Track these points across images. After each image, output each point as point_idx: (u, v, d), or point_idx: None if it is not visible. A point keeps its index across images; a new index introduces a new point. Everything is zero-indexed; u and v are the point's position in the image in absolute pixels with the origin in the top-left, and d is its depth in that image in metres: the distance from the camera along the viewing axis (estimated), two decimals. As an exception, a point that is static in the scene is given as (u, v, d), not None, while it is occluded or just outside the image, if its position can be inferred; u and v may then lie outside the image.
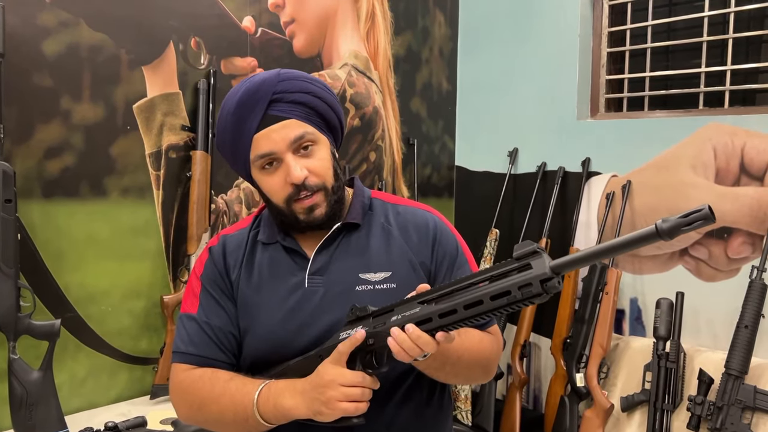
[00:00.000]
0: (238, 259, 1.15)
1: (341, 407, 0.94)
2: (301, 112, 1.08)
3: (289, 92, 1.07)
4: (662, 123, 2.34)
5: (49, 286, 1.80)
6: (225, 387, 1.06)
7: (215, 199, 2.13)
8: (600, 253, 0.80)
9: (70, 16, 1.80)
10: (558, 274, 0.83)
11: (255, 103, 1.06)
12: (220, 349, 1.13)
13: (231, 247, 1.17)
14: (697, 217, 0.72)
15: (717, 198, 2.16)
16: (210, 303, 1.14)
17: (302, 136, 1.07)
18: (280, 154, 1.07)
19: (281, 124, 1.06)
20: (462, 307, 0.89)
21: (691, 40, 2.35)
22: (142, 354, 2.00)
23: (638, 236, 0.76)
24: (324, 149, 1.11)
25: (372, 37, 2.60)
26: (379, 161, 2.66)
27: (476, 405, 2.52)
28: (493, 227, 2.66)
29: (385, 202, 1.21)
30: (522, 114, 2.73)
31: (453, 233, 1.19)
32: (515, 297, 0.85)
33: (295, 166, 1.06)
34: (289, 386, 1.01)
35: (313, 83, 1.11)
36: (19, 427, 1.60)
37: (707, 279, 2.22)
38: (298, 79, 1.10)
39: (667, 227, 0.74)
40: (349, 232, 1.14)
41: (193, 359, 1.12)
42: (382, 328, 0.96)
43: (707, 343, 2.20)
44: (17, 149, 1.73)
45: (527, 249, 0.85)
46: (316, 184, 1.08)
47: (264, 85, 1.07)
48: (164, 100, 2.00)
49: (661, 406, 2.10)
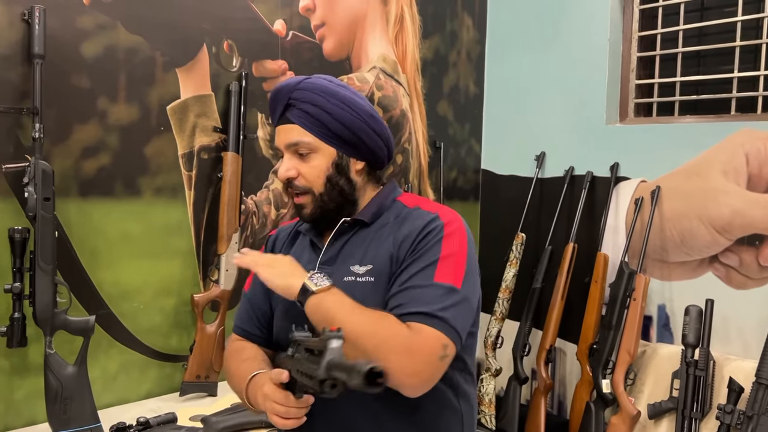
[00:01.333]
0: (280, 246, 1.32)
1: (272, 419, 1.07)
2: (307, 121, 1.18)
3: (300, 101, 1.18)
4: (693, 128, 2.32)
5: (84, 283, 1.84)
6: (238, 368, 1.21)
7: (245, 199, 2.15)
8: None
9: (107, 19, 1.84)
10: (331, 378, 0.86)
11: (276, 104, 1.21)
12: (256, 325, 1.29)
13: (280, 236, 1.34)
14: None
15: (748, 204, 2.13)
16: (257, 284, 1.26)
17: (297, 143, 1.19)
18: (282, 150, 1.22)
19: (288, 126, 1.20)
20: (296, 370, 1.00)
21: (724, 44, 2.33)
22: (172, 351, 2.03)
23: None
24: (322, 158, 1.20)
25: (400, 41, 2.61)
26: (406, 164, 2.68)
27: (500, 409, 2.52)
28: (519, 231, 2.66)
29: (405, 204, 1.25)
30: (550, 118, 2.72)
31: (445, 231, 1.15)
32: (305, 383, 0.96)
33: (284, 164, 1.21)
34: (261, 388, 1.11)
35: (327, 98, 1.18)
36: (55, 420, 1.64)
37: (738, 286, 2.19)
38: (313, 91, 1.19)
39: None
40: (362, 228, 1.23)
41: (238, 331, 1.31)
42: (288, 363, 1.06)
43: (737, 352, 2.17)
44: (56, 149, 1.77)
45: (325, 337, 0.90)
46: (302, 186, 1.20)
47: (285, 89, 1.20)
48: (197, 102, 2.03)
49: (689, 414, 2.08)
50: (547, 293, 2.53)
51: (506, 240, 2.68)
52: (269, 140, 2.22)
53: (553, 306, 2.49)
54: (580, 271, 2.49)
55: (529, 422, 2.46)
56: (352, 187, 1.23)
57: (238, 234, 2.05)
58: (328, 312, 1.08)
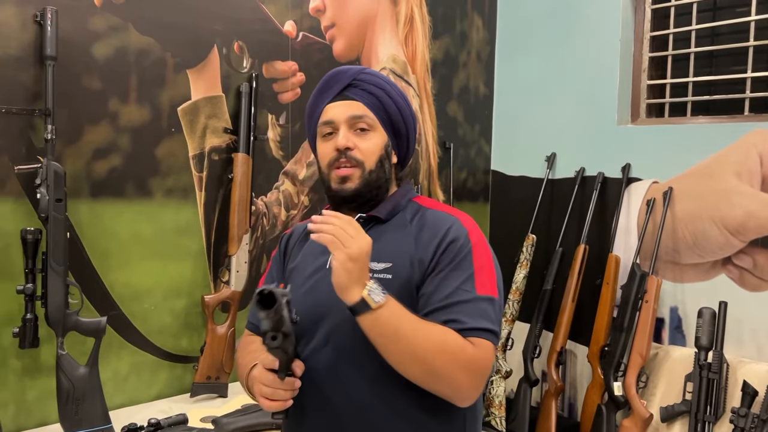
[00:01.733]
0: (294, 243, 1.33)
1: (261, 402, 1.09)
2: (369, 101, 1.23)
3: (366, 82, 1.23)
4: (705, 129, 2.30)
5: (96, 284, 1.84)
6: (244, 359, 1.24)
7: (255, 201, 2.15)
8: None
9: (119, 21, 1.84)
10: None
11: (336, 82, 1.24)
12: None
13: (294, 234, 1.35)
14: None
15: (763, 206, 2.11)
16: (269, 279, 1.32)
17: (361, 116, 1.22)
18: (338, 123, 1.22)
19: (349, 102, 1.23)
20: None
21: (737, 45, 2.31)
22: (182, 352, 2.03)
23: None
24: (378, 138, 1.23)
25: (410, 41, 2.61)
26: (416, 165, 2.67)
27: (511, 411, 2.51)
28: (530, 233, 2.65)
29: (422, 205, 1.27)
30: (560, 118, 2.71)
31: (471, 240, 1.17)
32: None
33: (344, 134, 1.21)
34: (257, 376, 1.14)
35: (390, 86, 1.26)
36: (66, 421, 1.64)
37: (752, 289, 2.17)
38: (377, 76, 1.26)
39: None
40: (377, 224, 1.24)
41: (249, 326, 1.34)
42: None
43: (751, 354, 2.15)
44: (67, 150, 1.78)
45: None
46: (356, 158, 1.21)
47: (349, 71, 1.25)
48: (207, 103, 2.03)
49: (702, 417, 2.06)
50: (558, 295, 2.52)
51: (516, 241, 2.66)
52: (279, 141, 2.22)
53: (564, 308, 2.47)
54: (592, 273, 2.47)
55: (540, 425, 2.45)
56: (388, 178, 1.26)
57: (249, 235, 2.05)
58: (388, 327, 1.06)
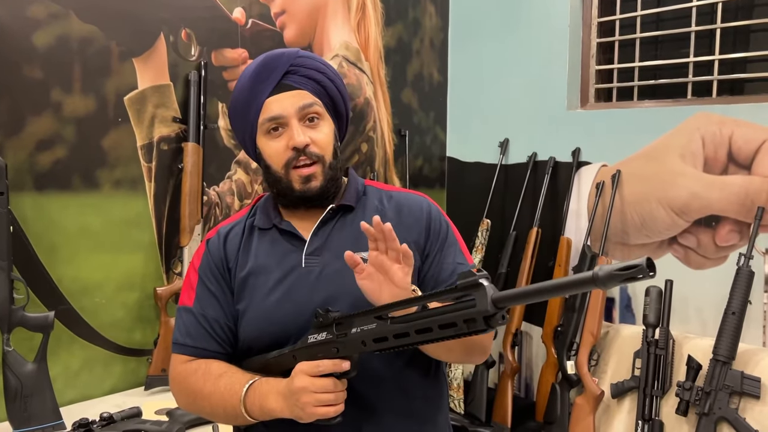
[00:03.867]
0: (235, 247, 1.18)
1: (318, 412, 0.98)
2: (313, 88, 1.15)
3: (305, 67, 1.15)
4: (651, 113, 2.36)
5: (43, 279, 1.80)
6: (215, 385, 1.10)
7: (207, 191, 2.13)
8: (541, 291, 0.80)
9: (59, 8, 1.79)
10: (501, 309, 0.83)
11: (272, 71, 1.13)
12: (215, 340, 1.16)
13: (229, 237, 1.20)
14: (634, 272, 0.70)
15: (705, 186, 2.19)
16: (206, 295, 1.17)
17: (311, 104, 1.14)
18: (287, 118, 1.13)
19: (294, 92, 1.13)
20: (414, 331, 0.92)
21: (680, 30, 2.37)
22: (136, 345, 2.00)
23: (576, 281, 0.76)
24: (328, 126, 1.17)
25: (363, 28, 2.60)
26: (371, 152, 2.67)
27: (469, 393, 2.54)
28: (485, 217, 2.68)
29: (379, 188, 1.25)
30: (512, 104, 2.74)
31: (444, 216, 1.22)
32: (461, 329, 0.86)
33: (299, 131, 1.12)
34: (273, 389, 1.04)
35: (328, 68, 1.19)
36: (15, 418, 1.61)
37: (696, 267, 2.25)
38: (314, 59, 1.18)
39: (603, 275, 0.72)
40: (344, 214, 1.18)
41: (189, 350, 1.16)
42: (346, 340, 0.99)
43: (696, 330, 2.23)
44: (8, 142, 1.73)
45: (470, 280, 0.85)
46: (315, 154, 1.13)
47: (284, 56, 1.15)
48: (155, 92, 2.00)
49: (650, 392, 2.13)
50: (512, 278, 2.56)
51: (472, 226, 2.70)
52: (230, 130, 2.20)
53: (519, 290, 2.51)
54: (544, 256, 2.53)
55: (497, 405, 2.50)
56: (341, 167, 1.20)
57: (201, 226, 2.03)
58: None
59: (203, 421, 1.72)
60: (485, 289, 0.83)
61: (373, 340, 0.95)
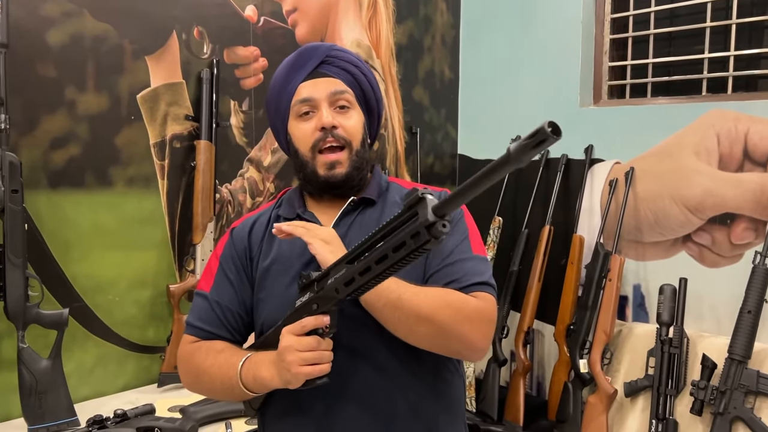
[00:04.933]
0: (260, 237, 1.21)
1: (303, 371, 0.99)
2: (346, 78, 1.18)
3: (340, 59, 1.19)
4: (665, 109, 2.34)
5: (57, 276, 1.81)
6: (216, 358, 1.13)
7: (219, 188, 2.13)
8: (472, 185, 0.80)
9: (73, 7, 1.80)
10: (442, 217, 0.83)
11: (308, 59, 1.18)
12: (225, 327, 1.20)
13: (254, 227, 1.23)
14: (539, 137, 0.71)
15: (720, 184, 2.17)
16: (223, 283, 1.20)
17: (342, 92, 1.17)
18: (318, 101, 1.16)
19: (327, 79, 1.18)
20: (374, 263, 0.92)
21: (694, 26, 2.35)
22: (149, 343, 2.01)
23: (496, 164, 0.77)
24: (358, 116, 1.19)
25: (374, 26, 2.60)
26: (382, 150, 2.67)
27: (480, 391, 2.54)
28: (496, 215, 2.67)
29: (401, 186, 1.26)
30: (524, 101, 2.73)
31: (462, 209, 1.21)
32: (410, 246, 0.86)
33: (327, 112, 1.15)
34: (266, 358, 1.06)
35: (361, 63, 1.23)
36: (29, 415, 1.62)
37: (710, 265, 2.23)
38: (350, 53, 1.22)
39: (513, 150, 0.74)
40: (365, 208, 1.20)
41: (199, 333, 1.19)
42: (322, 293, 1.00)
43: (710, 329, 2.21)
44: (23, 140, 1.73)
45: (412, 197, 0.86)
46: (343, 137, 1.16)
47: (321, 47, 1.20)
48: (168, 90, 2.00)
49: (664, 391, 2.11)
50: (525, 276, 2.55)
51: (483, 224, 2.67)
52: (243, 128, 2.20)
53: (531, 288, 2.51)
54: (557, 254, 2.51)
55: (509, 403, 2.49)
56: (369, 160, 1.21)
57: (213, 223, 2.04)
58: (390, 294, 1.03)
59: (216, 418, 1.73)
60: (426, 201, 0.84)
61: (344, 285, 0.96)
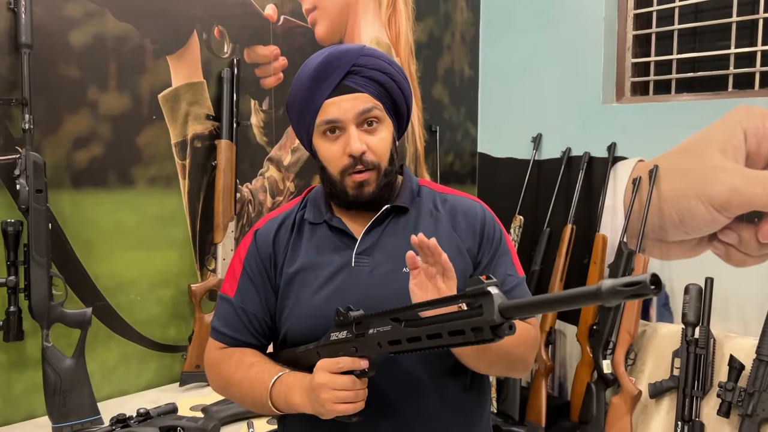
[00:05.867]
0: (285, 242, 1.18)
1: (337, 409, 0.99)
2: (374, 90, 1.10)
3: (368, 68, 1.10)
4: (690, 106, 2.30)
5: (80, 275, 1.82)
6: (246, 373, 1.12)
7: (240, 188, 2.13)
8: (548, 303, 0.79)
9: (95, 7, 1.81)
10: (507, 319, 0.81)
11: (333, 71, 1.09)
12: (251, 333, 1.18)
13: (279, 232, 1.19)
14: (637, 290, 0.67)
15: (747, 182, 2.12)
16: (247, 288, 1.17)
17: (371, 109, 1.09)
18: (345, 123, 1.09)
19: (354, 95, 1.09)
20: (425, 336, 0.91)
21: (720, 21, 2.30)
22: (170, 342, 2.02)
23: (580, 294, 0.73)
24: (386, 130, 1.13)
25: (393, 24, 2.58)
26: (402, 148, 2.65)
27: (501, 392, 2.52)
28: (517, 214, 2.65)
29: (433, 190, 1.22)
30: (546, 99, 2.70)
31: (498, 223, 1.21)
32: (470, 338, 0.85)
33: (356, 138, 1.08)
34: (298, 383, 1.05)
35: (392, 65, 1.14)
36: (54, 413, 1.63)
37: (737, 264, 2.19)
38: (379, 57, 1.13)
39: (605, 290, 0.69)
40: (398, 215, 1.16)
41: (226, 339, 1.18)
42: (363, 340, 0.99)
43: (737, 329, 2.17)
44: (46, 140, 1.75)
45: (478, 288, 0.83)
46: (371, 162, 1.10)
47: (347, 54, 1.10)
48: (189, 90, 2.01)
49: (690, 392, 2.08)
50: (546, 275, 2.53)
51: (504, 223, 2.63)
52: (263, 127, 2.20)
53: (552, 288, 2.48)
54: (579, 253, 2.48)
55: (531, 404, 2.46)
56: (397, 170, 1.17)
57: (234, 223, 2.04)
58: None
59: (238, 418, 1.73)
60: (492, 298, 0.81)
61: (389, 342, 0.95)
